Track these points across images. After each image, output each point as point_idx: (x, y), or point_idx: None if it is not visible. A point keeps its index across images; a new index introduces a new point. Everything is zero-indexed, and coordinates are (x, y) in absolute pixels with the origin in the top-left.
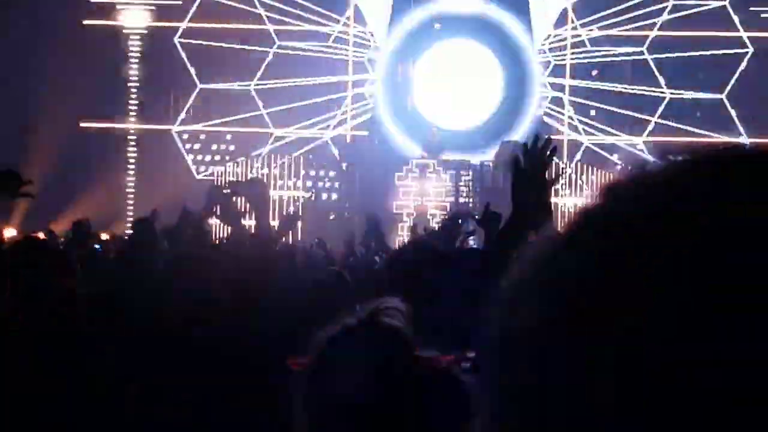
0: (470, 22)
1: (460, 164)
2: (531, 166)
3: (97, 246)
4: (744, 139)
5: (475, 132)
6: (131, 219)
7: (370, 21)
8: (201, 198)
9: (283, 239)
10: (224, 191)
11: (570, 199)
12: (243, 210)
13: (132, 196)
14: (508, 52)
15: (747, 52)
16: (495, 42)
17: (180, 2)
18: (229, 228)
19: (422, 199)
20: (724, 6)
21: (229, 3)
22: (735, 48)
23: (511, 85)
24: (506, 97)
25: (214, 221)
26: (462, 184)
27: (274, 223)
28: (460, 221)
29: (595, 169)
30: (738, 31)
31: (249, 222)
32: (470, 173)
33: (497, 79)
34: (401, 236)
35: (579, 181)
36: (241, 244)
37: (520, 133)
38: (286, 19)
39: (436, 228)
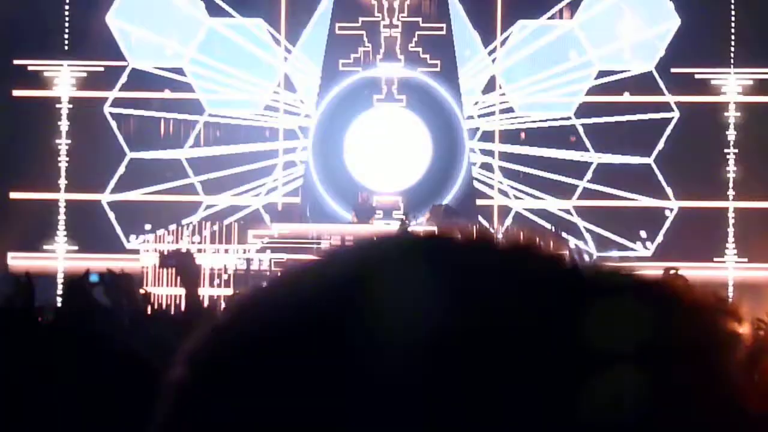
0: (400, 87)
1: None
2: None
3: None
4: (673, 204)
5: (405, 196)
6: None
7: (300, 88)
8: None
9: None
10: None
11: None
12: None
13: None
14: (437, 116)
15: (672, 117)
16: (424, 107)
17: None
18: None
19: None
20: (650, 71)
21: (159, 72)
22: (662, 112)
23: (440, 149)
24: (436, 161)
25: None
26: None
27: (204, 291)
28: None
29: (524, 234)
30: (664, 94)
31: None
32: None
33: (426, 143)
34: None
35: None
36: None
37: (451, 196)
38: (216, 87)
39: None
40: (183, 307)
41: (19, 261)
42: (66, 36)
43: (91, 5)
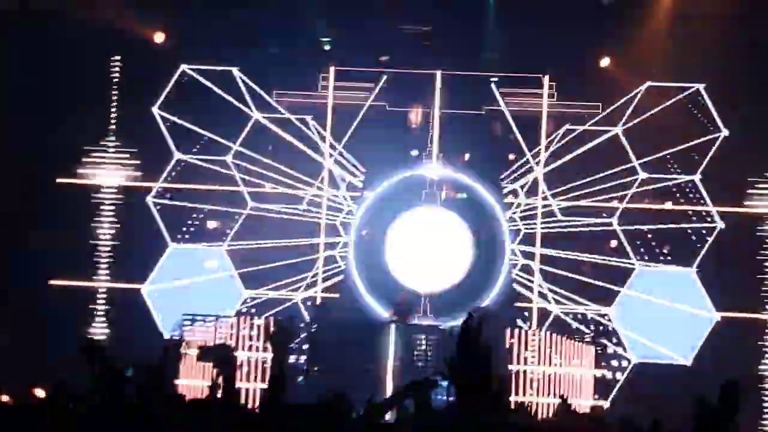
0: (443, 188)
1: (429, 329)
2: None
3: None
4: (713, 314)
5: (446, 297)
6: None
7: (343, 185)
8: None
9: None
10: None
11: (539, 367)
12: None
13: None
14: (479, 217)
15: (716, 227)
16: (466, 208)
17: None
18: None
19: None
20: (694, 181)
21: (204, 164)
22: (705, 222)
23: (481, 250)
24: (476, 262)
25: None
26: (421, 348)
27: (241, 385)
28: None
29: (563, 338)
30: (707, 205)
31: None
32: (436, 338)
33: (467, 244)
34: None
35: (547, 350)
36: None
37: (490, 299)
38: (260, 181)
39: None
40: (220, 400)
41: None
42: (112, 125)
43: (139, 96)
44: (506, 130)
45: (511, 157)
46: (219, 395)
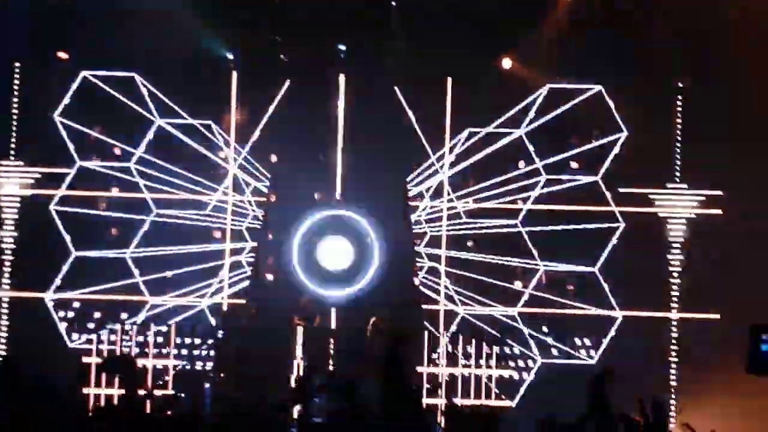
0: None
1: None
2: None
3: None
4: (616, 312)
5: (352, 300)
6: None
7: (248, 190)
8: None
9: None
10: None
11: (446, 369)
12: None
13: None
14: (385, 221)
15: (618, 227)
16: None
17: (57, 170)
18: None
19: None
20: (596, 182)
21: (106, 171)
22: (607, 222)
23: (387, 254)
24: (383, 266)
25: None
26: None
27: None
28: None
29: (470, 339)
30: (609, 205)
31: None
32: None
33: (374, 248)
34: None
35: (455, 352)
36: None
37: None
38: (164, 188)
39: None
40: (122, 409)
41: None
42: (13, 134)
43: (40, 104)
44: (411, 134)
45: (417, 160)
46: (122, 403)
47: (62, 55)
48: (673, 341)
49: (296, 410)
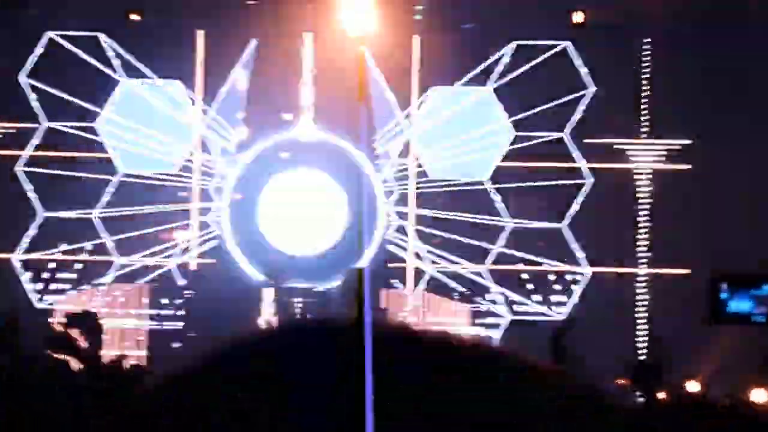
0: (315, 151)
1: (303, 291)
2: None
3: None
4: (584, 268)
5: (321, 259)
6: None
7: (215, 150)
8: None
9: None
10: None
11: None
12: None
13: None
14: (353, 180)
15: (585, 182)
16: (340, 170)
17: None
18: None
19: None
20: (563, 137)
21: (74, 132)
22: (575, 178)
23: (355, 212)
24: (351, 225)
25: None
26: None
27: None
28: None
29: (439, 297)
30: (576, 161)
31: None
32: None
33: (342, 207)
34: None
35: (423, 309)
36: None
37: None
38: (131, 147)
39: None
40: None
41: None
42: None
43: (4, 65)
44: (379, 93)
45: (383, 117)
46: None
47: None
48: (641, 297)
49: None
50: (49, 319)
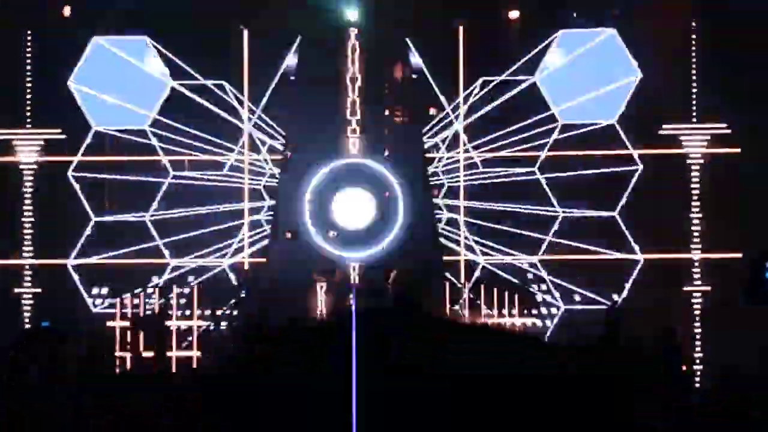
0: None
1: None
2: None
3: None
4: (638, 256)
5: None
6: None
7: (264, 149)
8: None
9: None
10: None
11: (469, 319)
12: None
13: None
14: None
15: (636, 169)
16: (390, 164)
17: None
18: None
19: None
20: (613, 125)
21: (123, 136)
22: (625, 165)
23: (406, 207)
24: (403, 219)
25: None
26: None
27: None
28: None
29: (492, 288)
30: (627, 148)
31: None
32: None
33: (394, 202)
34: None
35: (477, 302)
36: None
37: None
38: (180, 150)
39: None
40: (154, 369)
41: None
42: (28, 101)
43: (54, 71)
44: (424, 85)
45: (432, 111)
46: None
47: (66, 11)
48: (696, 282)
49: None
50: (110, 323)
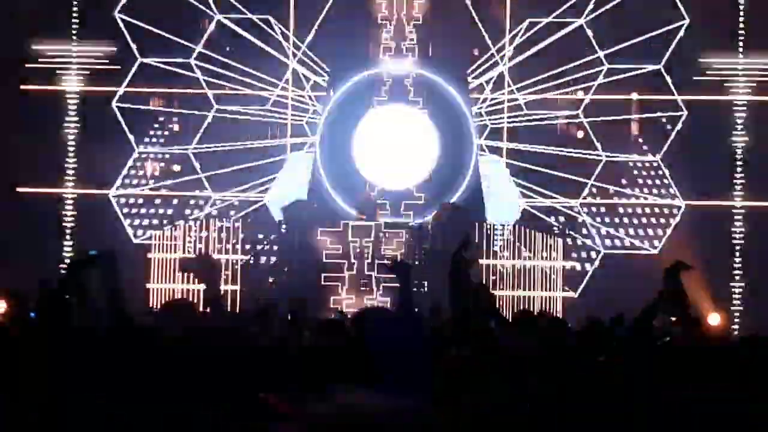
0: (408, 85)
1: (396, 226)
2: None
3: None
4: (679, 202)
5: (413, 193)
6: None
7: (308, 85)
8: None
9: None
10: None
11: (509, 261)
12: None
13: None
14: (445, 114)
15: (681, 115)
16: (432, 104)
17: (118, 67)
18: None
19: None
20: (659, 70)
21: (167, 68)
22: (669, 111)
23: (448, 147)
24: (444, 159)
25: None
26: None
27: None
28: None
29: (532, 231)
30: (672, 93)
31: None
32: (410, 235)
33: (434, 140)
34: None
35: (517, 244)
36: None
37: (458, 195)
38: (224, 83)
39: None
40: (203, 307)
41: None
42: (74, 31)
43: (100, 2)
44: (471, 25)
45: (476, 52)
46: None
47: None
48: (738, 231)
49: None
50: (149, 255)
